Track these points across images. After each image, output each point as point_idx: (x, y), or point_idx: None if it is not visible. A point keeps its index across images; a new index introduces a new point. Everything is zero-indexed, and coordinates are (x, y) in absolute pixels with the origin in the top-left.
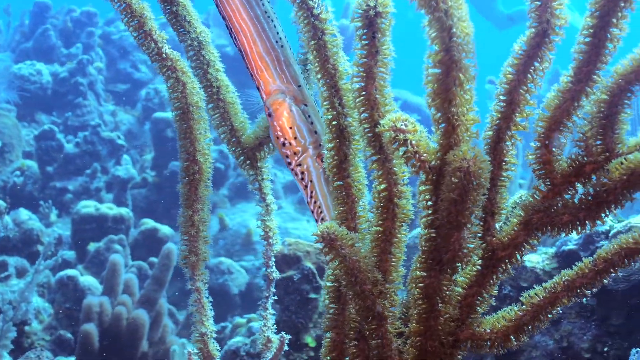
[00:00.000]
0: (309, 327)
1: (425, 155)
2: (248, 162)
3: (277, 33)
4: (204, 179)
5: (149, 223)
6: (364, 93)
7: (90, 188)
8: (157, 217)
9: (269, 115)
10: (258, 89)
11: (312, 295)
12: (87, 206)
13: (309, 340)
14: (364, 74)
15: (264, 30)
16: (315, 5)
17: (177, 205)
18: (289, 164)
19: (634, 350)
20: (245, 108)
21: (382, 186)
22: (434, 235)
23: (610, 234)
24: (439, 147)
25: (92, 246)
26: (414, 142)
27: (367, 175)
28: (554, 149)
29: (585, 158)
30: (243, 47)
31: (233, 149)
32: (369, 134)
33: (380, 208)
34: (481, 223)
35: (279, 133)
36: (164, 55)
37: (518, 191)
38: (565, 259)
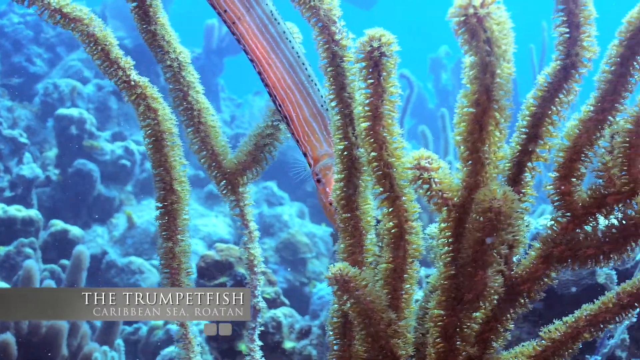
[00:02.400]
0: (243, 334)
1: (448, 193)
2: (229, 187)
3: (322, 96)
4: (183, 208)
5: (58, 224)
6: (371, 132)
7: None
8: (63, 217)
9: (318, 181)
10: (305, 154)
11: None
12: None
13: (243, 347)
14: (371, 114)
15: (309, 95)
16: (337, 31)
17: (83, 205)
18: None
19: (590, 358)
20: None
21: (393, 223)
22: (454, 273)
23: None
24: (463, 185)
25: (1, 250)
26: (437, 180)
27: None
28: (573, 180)
29: (608, 189)
30: (289, 114)
31: (214, 173)
32: (379, 173)
33: (391, 245)
34: (500, 257)
35: (332, 199)
36: (132, 83)
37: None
38: None
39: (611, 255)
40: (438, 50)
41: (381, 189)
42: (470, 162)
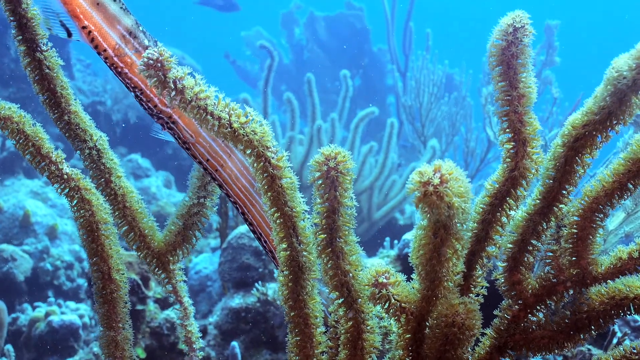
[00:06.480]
0: (139, 338)
1: (407, 304)
2: (160, 265)
3: None
4: (122, 296)
5: None
6: (329, 244)
7: None
8: None
9: None
10: None
11: (139, 307)
12: None
13: (139, 352)
14: (328, 227)
15: None
16: (273, 156)
17: None
18: None
19: None
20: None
21: (350, 323)
22: None
23: None
24: (421, 296)
25: None
26: (395, 293)
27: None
28: (522, 269)
29: (557, 277)
30: (275, 249)
31: (144, 253)
32: (336, 280)
33: (348, 344)
34: None
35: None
36: (65, 177)
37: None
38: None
39: (565, 344)
40: (290, 4)
41: (338, 294)
42: (427, 280)
